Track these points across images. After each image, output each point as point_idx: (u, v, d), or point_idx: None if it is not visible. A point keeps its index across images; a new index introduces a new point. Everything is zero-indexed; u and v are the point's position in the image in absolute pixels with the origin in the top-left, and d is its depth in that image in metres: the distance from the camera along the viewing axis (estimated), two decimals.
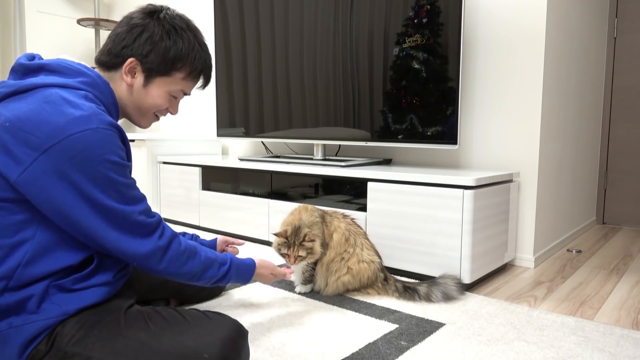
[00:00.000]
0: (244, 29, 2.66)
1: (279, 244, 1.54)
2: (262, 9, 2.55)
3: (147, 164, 2.90)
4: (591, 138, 2.85)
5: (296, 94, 2.44)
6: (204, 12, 3.37)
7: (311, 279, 1.63)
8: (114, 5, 4.09)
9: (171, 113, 1.14)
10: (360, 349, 1.21)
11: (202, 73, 1.13)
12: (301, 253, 1.51)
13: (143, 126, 1.14)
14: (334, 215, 1.68)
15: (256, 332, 1.31)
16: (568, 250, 2.35)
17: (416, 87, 2.02)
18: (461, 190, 1.66)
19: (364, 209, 1.96)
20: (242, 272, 1.19)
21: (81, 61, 1.02)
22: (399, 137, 2.09)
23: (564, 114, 2.31)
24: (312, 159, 2.46)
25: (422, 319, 1.42)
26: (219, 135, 2.86)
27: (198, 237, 1.42)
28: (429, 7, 1.95)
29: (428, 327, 1.36)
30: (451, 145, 1.94)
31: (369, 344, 1.24)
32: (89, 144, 0.86)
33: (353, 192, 2.02)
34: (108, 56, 1.04)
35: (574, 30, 2.34)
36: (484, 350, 1.22)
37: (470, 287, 1.74)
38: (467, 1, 2.14)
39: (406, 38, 2.03)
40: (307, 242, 1.51)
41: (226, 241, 1.48)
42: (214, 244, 1.45)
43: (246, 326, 1.35)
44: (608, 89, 3.00)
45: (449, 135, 1.94)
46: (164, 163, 2.92)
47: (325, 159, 2.42)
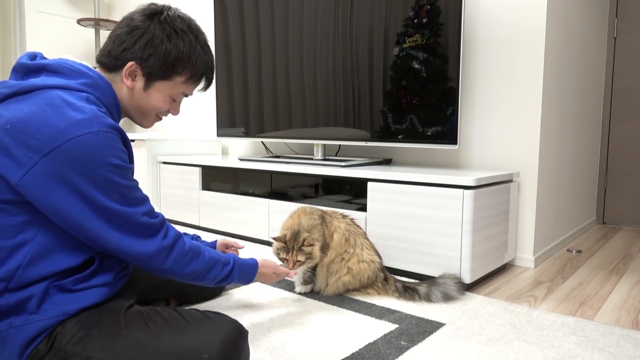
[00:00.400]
0: (244, 29, 2.66)
1: (277, 249, 1.53)
2: (262, 9, 2.55)
3: (147, 164, 2.90)
4: (591, 138, 2.85)
5: (296, 93, 2.44)
6: (204, 12, 3.37)
7: (311, 279, 1.63)
8: (114, 5, 4.09)
9: (173, 114, 1.15)
10: (360, 349, 1.21)
11: (203, 76, 1.12)
12: (300, 258, 1.49)
13: (145, 126, 1.14)
14: (334, 215, 1.68)
15: (256, 332, 1.31)
16: (568, 250, 2.35)
17: (416, 87, 2.02)
18: (461, 190, 1.66)
19: (364, 209, 1.96)
20: (245, 272, 1.19)
21: (82, 61, 1.01)
22: (399, 137, 2.09)
23: (564, 114, 2.31)
24: (312, 159, 2.46)
25: (422, 319, 1.42)
26: (219, 135, 2.86)
27: (199, 238, 1.42)
28: (429, 7, 1.95)
29: (428, 327, 1.36)
30: (451, 145, 1.94)
31: (369, 344, 1.24)
32: (90, 147, 0.86)
33: (353, 192, 2.02)
34: (108, 58, 1.04)
35: (574, 30, 2.34)
36: (484, 350, 1.22)
37: (470, 287, 1.74)
38: (467, 1, 2.14)
39: (406, 38, 2.03)
40: (306, 247, 1.50)
41: (226, 244, 1.48)
42: (213, 246, 1.44)
43: (246, 326, 1.35)
44: (608, 89, 3.00)
45: (449, 135, 1.94)
46: (164, 163, 2.92)
47: (325, 159, 2.42)
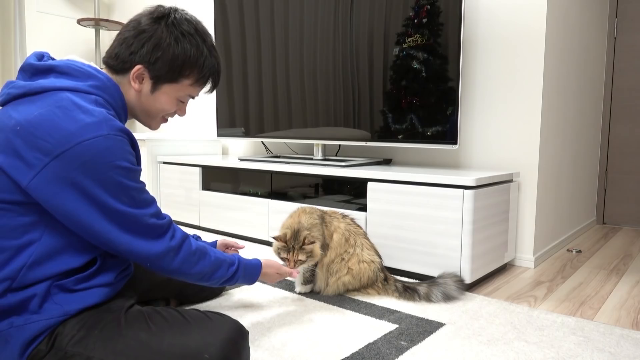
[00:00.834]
0: (244, 29, 2.66)
1: (278, 248, 1.53)
2: (262, 9, 2.55)
3: (147, 164, 2.90)
4: (591, 138, 2.85)
5: (296, 93, 2.44)
6: (204, 12, 3.37)
7: (311, 279, 1.63)
8: (114, 5, 4.09)
9: (179, 115, 1.15)
10: (360, 349, 1.21)
11: (210, 78, 1.12)
12: (301, 257, 1.49)
13: (153, 128, 1.14)
14: (334, 215, 1.68)
15: (256, 332, 1.31)
16: (568, 250, 2.35)
17: (416, 87, 2.02)
18: (461, 190, 1.66)
19: (364, 209, 1.96)
20: (249, 272, 1.20)
21: (86, 62, 1.02)
22: (399, 137, 2.09)
23: (564, 114, 2.31)
24: (312, 159, 2.46)
25: (422, 319, 1.42)
26: (219, 135, 2.86)
27: (199, 239, 1.42)
28: (429, 7, 1.95)
29: (428, 327, 1.36)
30: (451, 145, 1.94)
31: (369, 344, 1.24)
32: (99, 150, 0.87)
33: (353, 192, 2.02)
34: (116, 60, 1.04)
35: (574, 30, 2.34)
36: (484, 350, 1.22)
37: (470, 287, 1.74)
38: (467, 1, 2.14)
39: (406, 38, 2.03)
40: (307, 246, 1.50)
41: (226, 244, 1.48)
42: (214, 247, 1.44)
43: (246, 326, 1.35)
44: (608, 89, 3.00)
45: (449, 135, 1.94)
46: (164, 163, 2.92)
47: (325, 159, 2.42)
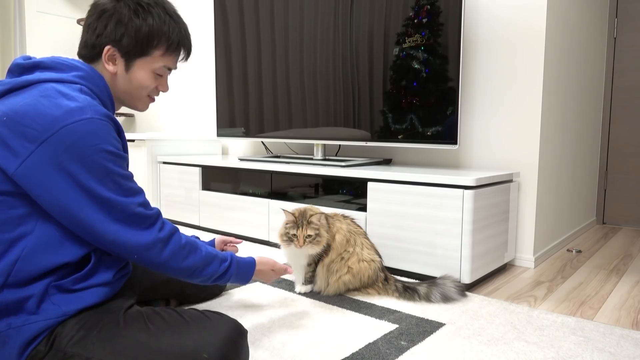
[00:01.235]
0: (244, 29, 2.66)
1: (287, 226, 1.54)
2: (262, 9, 2.55)
3: (147, 164, 2.90)
4: (591, 138, 2.85)
5: (296, 93, 2.44)
6: (204, 12, 3.37)
7: (312, 279, 1.63)
8: None
9: (162, 91, 1.14)
10: (360, 349, 1.21)
11: (180, 45, 1.10)
12: (310, 232, 1.50)
13: (140, 109, 1.13)
14: (336, 217, 1.68)
15: (256, 332, 1.31)
16: (568, 250, 2.35)
17: (416, 87, 2.02)
18: (461, 190, 1.66)
19: (364, 209, 1.96)
20: (242, 270, 1.18)
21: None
22: (399, 137, 2.09)
23: (564, 114, 2.31)
24: (312, 159, 2.46)
25: (422, 319, 1.42)
26: (219, 135, 2.86)
27: (198, 238, 1.41)
28: (429, 7, 1.95)
29: (428, 327, 1.36)
30: (451, 145, 1.94)
31: (369, 344, 1.24)
32: (84, 133, 0.87)
33: (353, 192, 2.02)
34: (86, 49, 1.04)
35: (574, 30, 2.34)
36: (484, 350, 1.22)
37: (470, 287, 1.74)
38: (467, 1, 2.13)
39: (406, 38, 2.03)
40: (314, 217, 1.52)
41: (224, 241, 1.48)
42: (212, 244, 1.44)
43: (246, 326, 1.35)
44: (608, 89, 3.00)
45: (449, 135, 1.94)
46: (164, 163, 2.92)
47: (325, 159, 2.42)
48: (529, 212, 2.04)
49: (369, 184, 1.92)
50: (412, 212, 1.79)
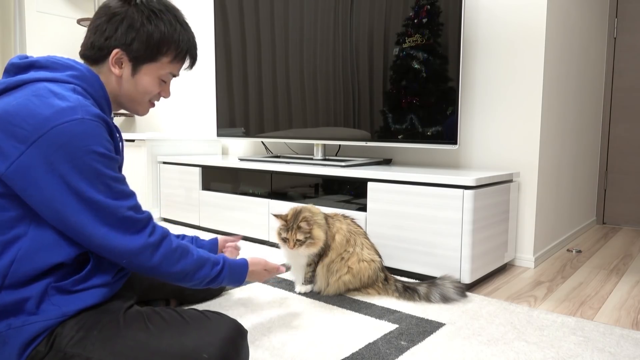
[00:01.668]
0: (244, 29, 2.66)
1: (280, 229, 1.55)
2: (262, 9, 2.55)
3: (147, 164, 2.90)
4: (591, 138, 2.85)
5: (296, 93, 2.44)
6: (204, 12, 3.37)
7: (312, 279, 1.63)
8: None
9: (164, 97, 1.14)
10: (360, 349, 1.21)
11: (187, 53, 1.12)
12: (299, 237, 1.50)
13: (140, 114, 1.13)
14: (336, 217, 1.68)
15: (256, 332, 1.31)
16: (568, 250, 2.35)
17: (416, 87, 2.02)
18: (461, 190, 1.66)
19: (364, 209, 1.95)
20: (235, 272, 1.16)
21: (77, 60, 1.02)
22: (399, 137, 2.09)
23: (564, 114, 2.31)
24: (312, 159, 2.46)
25: (422, 319, 1.42)
26: (219, 135, 2.86)
27: (198, 239, 1.41)
28: (429, 7, 1.95)
29: (428, 327, 1.36)
30: (451, 145, 1.94)
31: (369, 344, 1.24)
32: (74, 134, 0.86)
33: (353, 192, 2.02)
34: (92, 50, 1.03)
35: (574, 30, 2.33)
36: (484, 350, 1.22)
37: (470, 287, 1.74)
38: (467, 1, 2.13)
39: (406, 38, 2.03)
40: (302, 222, 1.51)
41: (226, 240, 1.48)
42: (215, 243, 1.45)
43: (246, 326, 1.35)
44: (608, 89, 3.00)
45: (449, 135, 1.94)
46: (164, 163, 2.92)
47: (325, 159, 2.42)
48: (529, 212, 2.04)
49: (369, 184, 1.92)
50: (412, 212, 1.79)
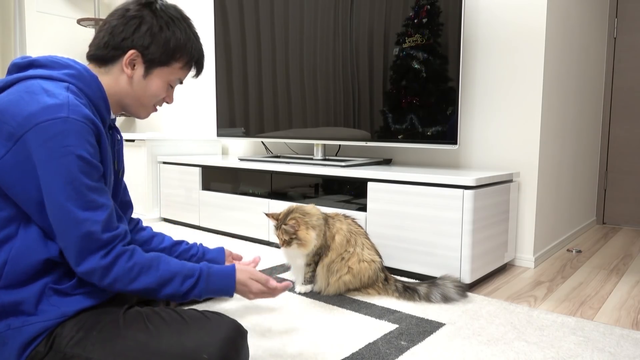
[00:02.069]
0: (244, 29, 2.66)
1: (275, 227, 1.57)
2: (262, 9, 2.55)
3: (147, 164, 2.90)
4: (591, 138, 2.85)
5: (296, 93, 2.44)
6: (204, 12, 3.37)
7: (312, 279, 1.63)
8: (113, 5, 4.09)
9: (167, 102, 1.15)
10: (360, 349, 1.21)
11: (197, 62, 1.15)
12: (285, 237, 1.52)
13: (142, 117, 1.14)
14: (336, 217, 1.68)
15: (256, 332, 1.31)
16: (568, 250, 2.34)
17: (416, 87, 2.02)
18: (461, 190, 1.66)
19: (364, 209, 1.95)
20: (214, 282, 1.04)
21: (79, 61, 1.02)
22: (399, 137, 2.09)
23: (564, 114, 2.31)
24: (312, 159, 2.46)
25: (422, 319, 1.42)
26: (219, 135, 2.86)
27: (201, 245, 1.41)
28: (429, 7, 1.95)
29: (428, 327, 1.36)
30: (451, 145, 1.94)
31: (369, 344, 1.24)
32: (56, 132, 0.86)
33: (353, 192, 2.01)
34: (105, 49, 1.04)
35: (574, 30, 2.33)
36: (484, 350, 1.22)
37: (471, 287, 1.74)
38: (467, 1, 2.13)
39: (406, 38, 2.03)
40: (290, 221, 1.52)
41: (230, 254, 1.48)
42: (221, 253, 1.44)
43: (246, 326, 1.35)
44: (608, 89, 3.00)
45: (449, 135, 1.94)
46: (164, 163, 2.92)
47: (325, 159, 2.42)
48: (529, 212, 2.04)
49: (369, 184, 1.92)
50: (412, 212, 1.79)
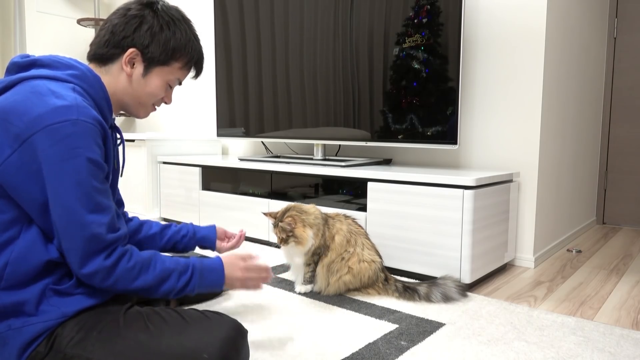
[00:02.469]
0: (244, 29, 2.66)
1: (273, 225, 1.58)
2: (262, 9, 2.55)
3: (147, 164, 2.90)
4: (591, 138, 2.85)
5: (296, 93, 2.44)
6: (204, 12, 3.37)
7: (311, 279, 1.63)
8: (113, 5, 4.09)
9: (166, 102, 1.16)
10: (360, 349, 1.21)
11: (196, 63, 1.16)
12: (282, 234, 1.53)
13: (141, 116, 1.15)
14: (337, 217, 1.68)
15: (256, 332, 1.31)
16: (568, 250, 2.35)
17: (416, 87, 2.02)
18: (461, 190, 1.66)
19: (364, 209, 1.95)
20: (206, 277, 1.06)
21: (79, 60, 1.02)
22: (399, 137, 2.09)
23: (564, 114, 2.31)
24: (312, 159, 2.46)
25: (422, 319, 1.42)
26: (219, 135, 2.86)
27: (195, 226, 1.41)
28: (429, 7, 1.95)
29: (428, 327, 1.36)
30: (451, 145, 1.94)
31: (369, 344, 1.24)
32: (66, 135, 0.86)
33: (353, 192, 2.02)
34: (106, 47, 1.04)
35: (574, 30, 2.33)
36: (484, 350, 1.22)
37: (471, 287, 1.74)
38: (467, 1, 2.13)
39: (406, 38, 2.03)
40: (286, 219, 1.52)
41: (225, 232, 1.48)
42: (212, 231, 1.43)
43: (246, 326, 1.35)
44: (608, 89, 3.00)
45: (449, 135, 1.94)
46: (164, 163, 2.92)
47: (325, 159, 2.42)
48: (529, 212, 2.04)
49: (369, 184, 1.92)
50: (412, 212, 1.79)
